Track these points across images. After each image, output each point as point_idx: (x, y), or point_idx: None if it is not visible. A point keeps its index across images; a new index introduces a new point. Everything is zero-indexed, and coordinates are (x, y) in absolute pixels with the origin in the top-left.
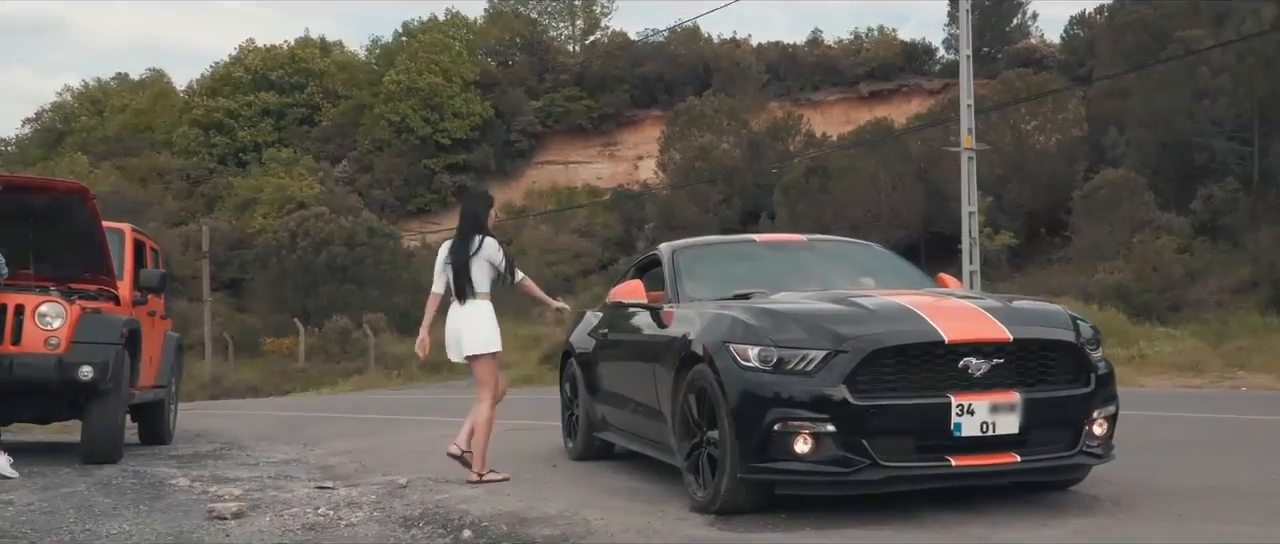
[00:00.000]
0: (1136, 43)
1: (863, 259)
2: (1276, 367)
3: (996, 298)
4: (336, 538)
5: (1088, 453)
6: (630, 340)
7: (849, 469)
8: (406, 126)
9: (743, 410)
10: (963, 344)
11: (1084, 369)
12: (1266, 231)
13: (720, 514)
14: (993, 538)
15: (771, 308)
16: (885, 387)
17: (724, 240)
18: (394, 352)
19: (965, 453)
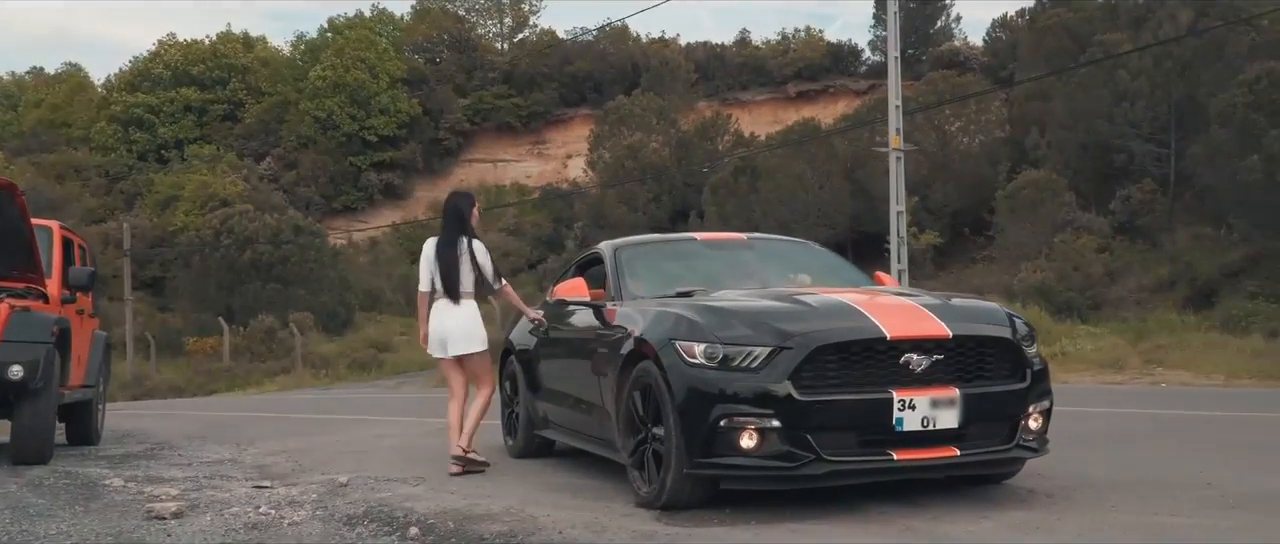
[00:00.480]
0: (1057, 46)
1: (802, 257)
2: (1194, 363)
3: (935, 295)
4: (280, 537)
5: (1024, 447)
6: (573, 338)
7: (794, 464)
8: (332, 123)
9: (689, 407)
10: (904, 340)
11: (1020, 365)
12: (1182, 232)
13: (665, 509)
14: (934, 530)
15: (716, 305)
16: (829, 382)
17: (665, 239)
18: (321, 351)
19: (906, 447)
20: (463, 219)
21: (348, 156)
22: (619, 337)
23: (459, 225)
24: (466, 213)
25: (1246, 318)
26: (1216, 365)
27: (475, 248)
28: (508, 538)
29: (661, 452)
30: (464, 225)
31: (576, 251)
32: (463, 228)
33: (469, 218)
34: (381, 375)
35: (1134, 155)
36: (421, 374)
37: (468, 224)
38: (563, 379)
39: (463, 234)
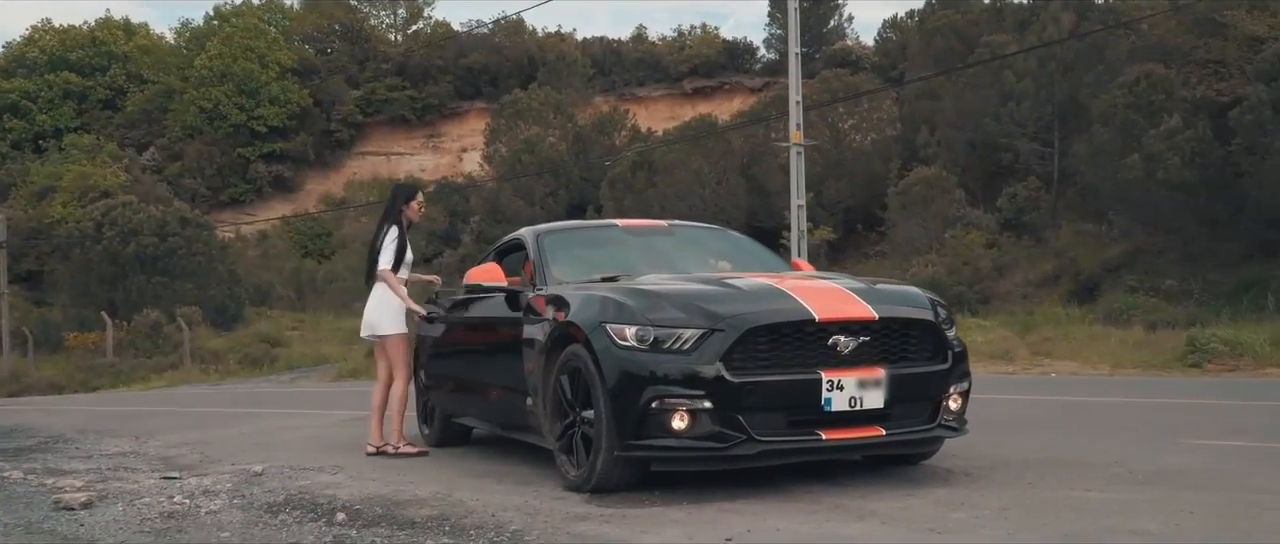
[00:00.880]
0: (945, 47)
1: (722, 243)
2: (1080, 354)
3: (859, 279)
4: (199, 525)
5: (945, 426)
6: (488, 324)
7: (725, 444)
8: (219, 113)
9: (620, 389)
10: (832, 323)
11: (941, 347)
12: (1066, 228)
13: (595, 492)
14: (864, 508)
15: (646, 288)
16: (759, 364)
17: (588, 225)
18: (210, 346)
19: (834, 427)
20: (389, 209)
21: (236, 147)
22: (545, 321)
23: (386, 214)
24: (396, 203)
25: (1127, 310)
26: (1101, 356)
27: (385, 235)
28: (439, 521)
29: (591, 435)
30: (388, 214)
31: (473, 246)
32: (387, 217)
33: (394, 207)
34: (274, 370)
35: (1020, 154)
36: (316, 369)
37: (390, 212)
38: (481, 366)
39: (385, 221)
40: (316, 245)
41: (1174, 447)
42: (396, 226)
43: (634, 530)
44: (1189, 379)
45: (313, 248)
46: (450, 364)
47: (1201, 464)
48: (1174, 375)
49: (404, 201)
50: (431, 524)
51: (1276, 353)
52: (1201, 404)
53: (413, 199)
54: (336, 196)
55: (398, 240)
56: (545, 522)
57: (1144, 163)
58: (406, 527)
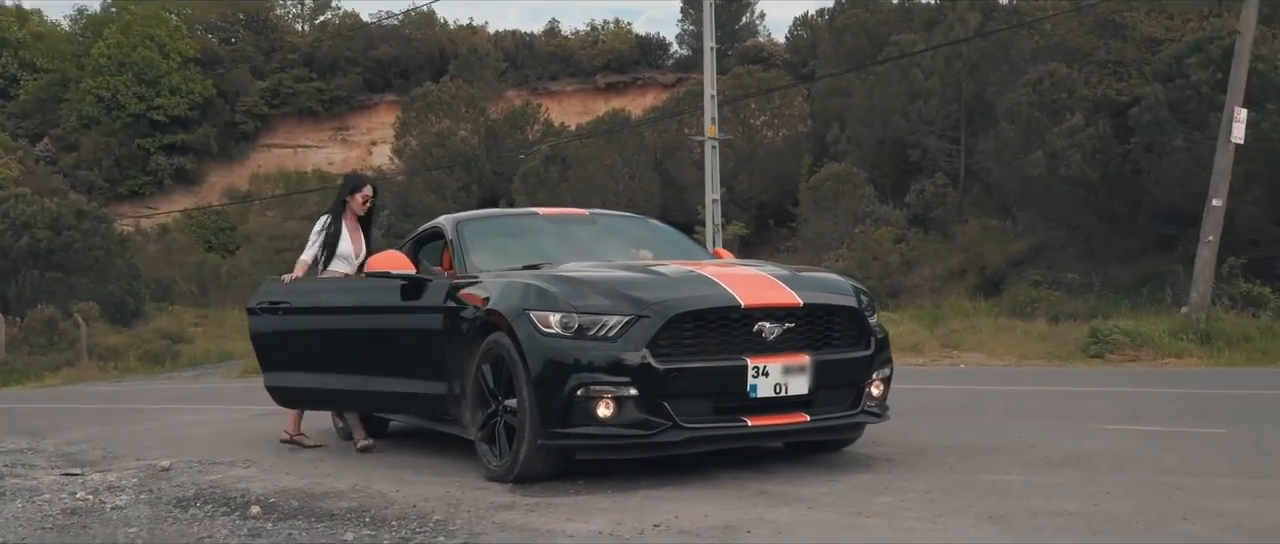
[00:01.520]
0: (855, 45)
1: (643, 232)
2: (987, 346)
3: (784, 267)
4: (105, 521)
5: (868, 412)
6: (407, 313)
7: (651, 431)
8: (117, 103)
9: (544, 377)
10: (757, 309)
11: (864, 333)
12: (973, 224)
13: (518, 482)
14: (789, 493)
15: (571, 275)
16: (684, 351)
17: (508, 213)
18: (109, 343)
19: (760, 413)
20: (334, 200)
21: (135, 139)
22: (466, 309)
23: (331, 207)
24: (338, 194)
25: (1031, 304)
26: (1008, 347)
27: (318, 225)
28: (359, 513)
29: (514, 424)
30: (330, 206)
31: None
32: (329, 208)
33: (338, 199)
34: (176, 367)
35: (927, 151)
36: (221, 365)
37: (333, 204)
38: (394, 356)
39: (325, 214)
40: (220, 239)
41: (1084, 432)
42: (332, 216)
43: (560, 519)
44: (1092, 369)
45: (216, 242)
46: (355, 355)
47: (1112, 448)
48: (1077, 366)
49: (348, 193)
50: (350, 516)
51: (1174, 343)
52: (1106, 392)
53: (358, 191)
54: (241, 190)
55: (327, 231)
56: (468, 511)
57: (1047, 160)
58: (325, 519)
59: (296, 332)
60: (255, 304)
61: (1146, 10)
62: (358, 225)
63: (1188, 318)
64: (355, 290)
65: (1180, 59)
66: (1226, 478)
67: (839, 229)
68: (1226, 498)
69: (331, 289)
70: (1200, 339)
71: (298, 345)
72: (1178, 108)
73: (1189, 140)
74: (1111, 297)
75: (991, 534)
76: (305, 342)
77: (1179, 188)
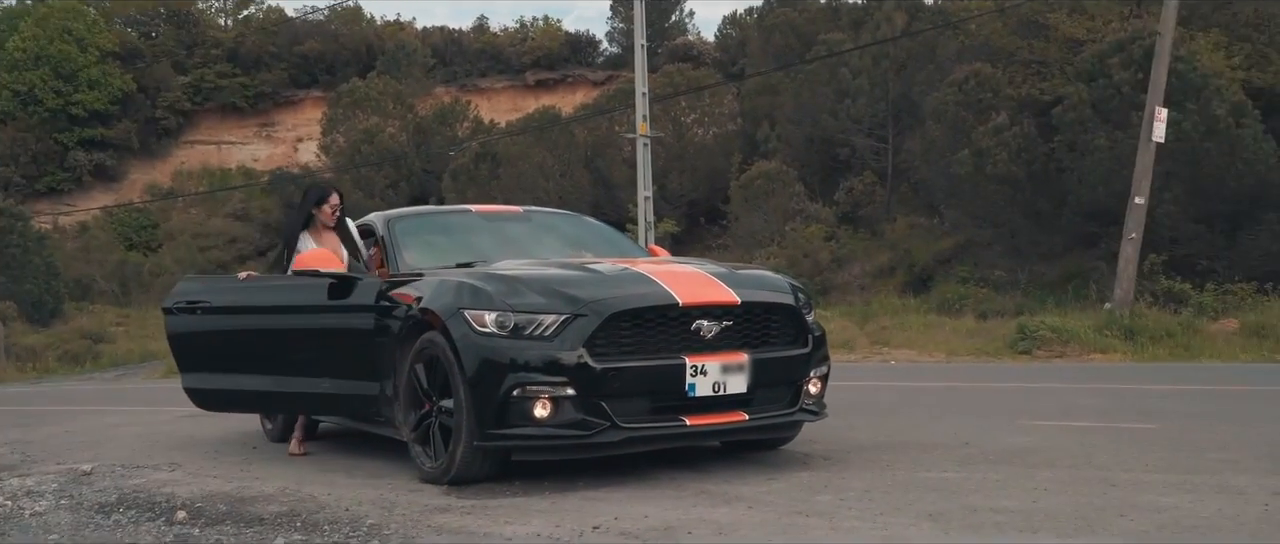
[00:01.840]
0: (784, 44)
1: (578, 230)
2: (916, 342)
3: (720, 264)
4: (23, 528)
5: (806, 410)
6: (336, 313)
7: (589, 432)
8: (34, 98)
9: (480, 377)
10: (695, 307)
11: (802, 331)
12: (901, 221)
13: (454, 484)
14: (729, 492)
15: (506, 273)
16: (622, 350)
17: (441, 210)
18: (26, 342)
19: (698, 412)
20: (298, 211)
21: (52, 134)
22: (397, 308)
23: (294, 219)
24: (303, 205)
25: (959, 301)
26: (937, 344)
27: (297, 243)
28: (290, 517)
29: (449, 424)
30: (297, 219)
31: None
32: (296, 221)
33: (304, 210)
34: (98, 367)
35: (856, 149)
36: (142, 365)
37: (299, 217)
38: (323, 356)
39: (293, 227)
40: (142, 237)
41: (1016, 428)
42: (293, 233)
43: (497, 521)
44: (1020, 365)
45: (138, 240)
46: (299, 354)
47: (1045, 444)
48: (1005, 361)
49: (315, 205)
50: (281, 521)
51: (1100, 339)
52: (1035, 388)
53: (325, 201)
54: (163, 186)
55: (284, 244)
56: (403, 514)
57: (973, 158)
58: (254, 523)
59: (216, 332)
60: (171, 303)
61: (1068, 11)
62: (334, 234)
63: (1112, 314)
64: (280, 289)
65: (1102, 59)
66: (1159, 473)
67: (769, 226)
68: (1160, 493)
69: (254, 288)
70: (1124, 335)
71: (218, 346)
72: (1100, 107)
73: (1111, 139)
74: (1037, 293)
75: (932, 533)
76: (226, 342)
77: (1102, 186)
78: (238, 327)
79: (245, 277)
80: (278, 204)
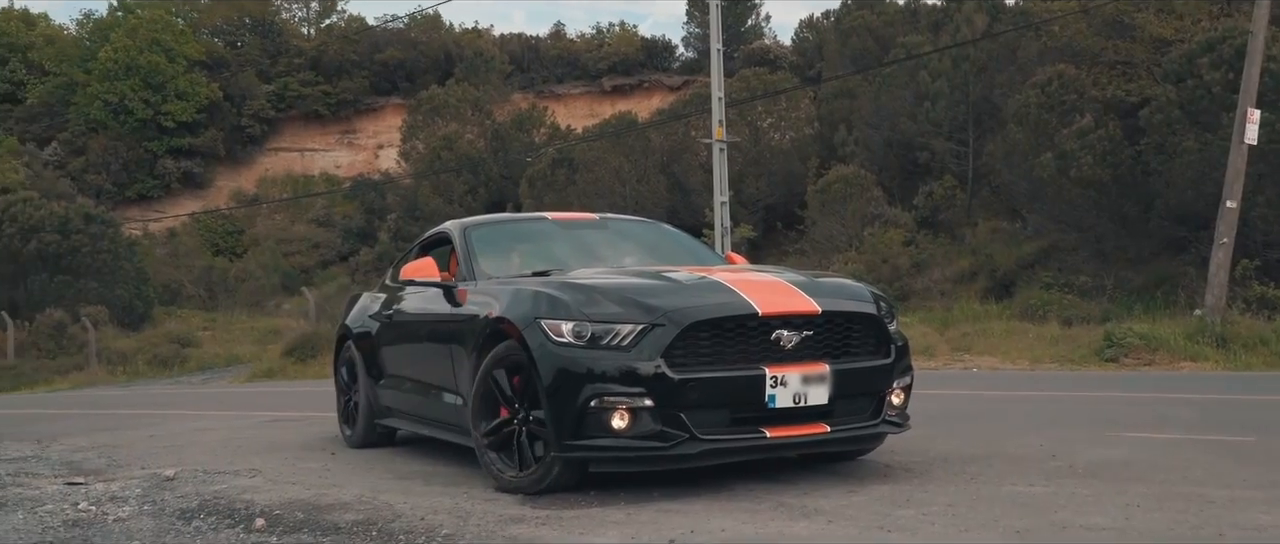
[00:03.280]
0: (862, 47)
1: (655, 237)
2: (999, 350)
3: (800, 273)
4: (107, 533)
5: (889, 422)
6: (422, 321)
7: (667, 444)
8: (124, 108)
9: (557, 388)
10: (775, 317)
11: (884, 341)
12: (982, 226)
13: (531, 494)
14: (807, 505)
15: (583, 283)
16: (700, 360)
17: (516, 218)
18: (117, 347)
19: (779, 424)
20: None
21: (142, 142)
22: (475, 317)
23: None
24: None
25: (1043, 307)
26: (1020, 351)
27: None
28: (366, 527)
29: (528, 435)
30: None
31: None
32: None
33: None
34: (185, 371)
35: (935, 152)
36: (228, 369)
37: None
38: (410, 364)
39: None
40: (228, 243)
41: (1105, 439)
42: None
43: (572, 533)
44: (1107, 373)
45: (224, 246)
46: (385, 361)
47: (1136, 457)
48: (1092, 370)
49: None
50: (357, 529)
51: (1190, 347)
52: (1124, 398)
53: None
54: (248, 193)
55: None
56: (478, 525)
57: (1056, 161)
58: (331, 532)
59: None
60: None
61: (1156, 10)
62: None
63: (1202, 321)
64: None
65: (1191, 59)
66: (1257, 489)
67: (847, 231)
68: (1260, 511)
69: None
70: (1216, 343)
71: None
72: (1189, 108)
73: (1201, 141)
74: (1124, 299)
75: None
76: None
77: (1191, 189)
78: (373, 333)
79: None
80: (359, 210)
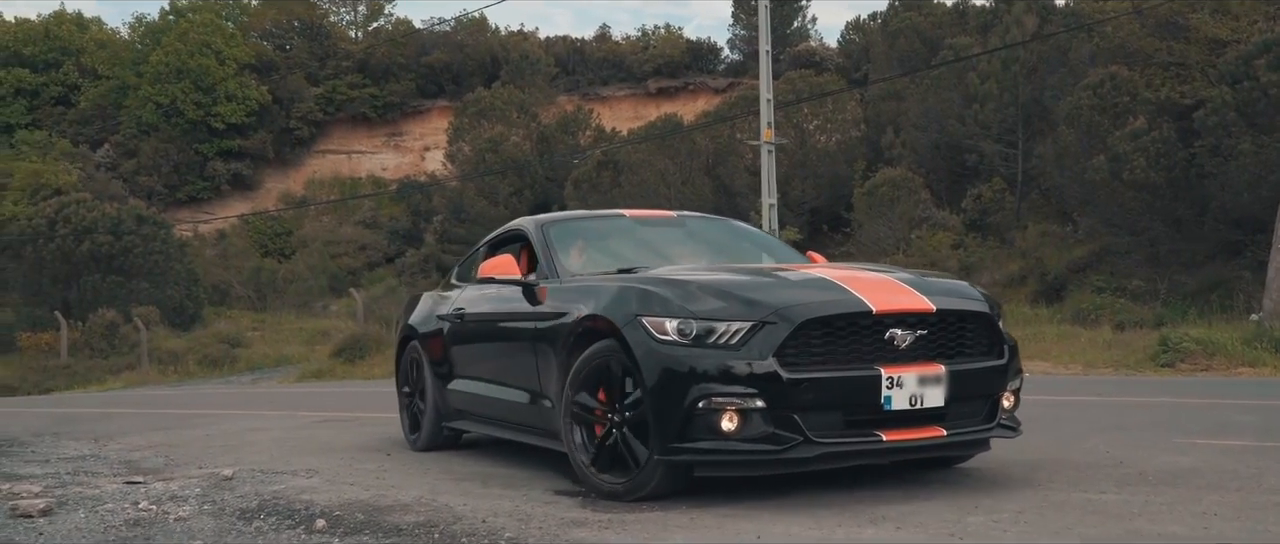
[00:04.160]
0: (909, 49)
1: (734, 235)
2: (1051, 354)
3: (907, 270)
4: (168, 533)
5: (1003, 426)
6: (499, 320)
7: (781, 447)
8: (175, 110)
9: (661, 388)
10: (889, 314)
11: (997, 341)
12: (1032, 229)
13: (634, 501)
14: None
15: (684, 278)
16: (812, 360)
17: (594, 215)
18: (168, 347)
19: (894, 427)
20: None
21: (193, 145)
22: (565, 316)
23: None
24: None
25: (1095, 311)
26: (1073, 355)
27: None
28: (428, 528)
29: (626, 438)
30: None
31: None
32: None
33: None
34: (235, 371)
35: (984, 155)
36: (278, 370)
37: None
38: (489, 366)
39: None
40: (276, 244)
41: (1171, 445)
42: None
43: (635, 537)
44: (1163, 378)
45: (272, 247)
46: (457, 363)
47: (1206, 463)
48: (1147, 375)
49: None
50: (418, 531)
51: (1248, 352)
52: (1184, 403)
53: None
54: (296, 195)
55: None
56: (540, 527)
57: (1109, 164)
58: (392, 534)
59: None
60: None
61: (1211, 11)
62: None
63: (1260, 326)
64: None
65: (1248, 60)
66: None
67: (895, 234)
68: None
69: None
70: (1275, 348)
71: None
72: (1245, 110)
73: (1257, 143)
74: (1178, 304)
75: None
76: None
77: (1247, 192)
78: (445, 333)
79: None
80: (405, 212)
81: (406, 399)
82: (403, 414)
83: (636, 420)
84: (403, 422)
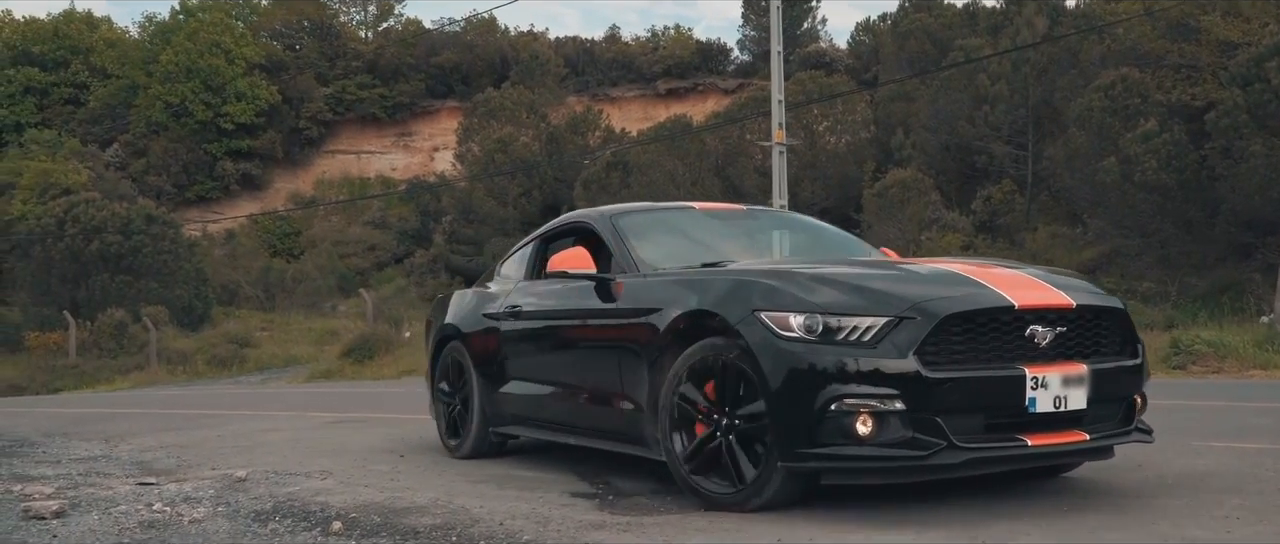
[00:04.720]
0: (919, 50)
1: (809, 228)
2: None
3: (1033, 266)
4: (183, 536)
5: (1140, 429)
6: (570, 318)
7: (924, 452)
8: (185, 110)
9: (787, 389)
10: (1029, 310)
11: (1131, 339)
12: (1042, 230)
13: (750, 512)
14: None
15: (801, 271)
16: (952, 358)
17: (662, 207)
18: (177, 347)
19: (1038, 431)
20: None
21: (202, 144)
22: (648, 313)
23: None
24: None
25: None
26: None
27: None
28: (445, 531)
29: (737, 443)
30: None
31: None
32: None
33: None
34: (243, 371)
35: (994, 156)
36: (286, 370)
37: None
38: (554, 367)
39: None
40: (285, 245)
41: (1188, 449)
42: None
43: (654, 539)
44: (1174, 380)
45: (281, 247)
46: (514, 365)
47: (1224, 467)
48: (1158, 377)
49: None
50: (436, 534)
51: (1260, 354)
52: (1197, 406)
53: None
54: (305, 195)
55: None
56: (558, 530)
57: (1120, 166)
58: (409, 536)
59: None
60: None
61: (1222, 13)
62: None
63: (1272, 328)
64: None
65: (1259, 62)
66: None
67: (904, 235)
68: None
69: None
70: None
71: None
72: (1256, 112)
73: (1268, 146)
74: (1189, 306)
75: None
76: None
77: (1258, 194)
78: (503, 332)
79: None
80: (414, 212)
81: (446, 405)
82: (439, 420)
83: (747, 428)
84: (439, 427)
